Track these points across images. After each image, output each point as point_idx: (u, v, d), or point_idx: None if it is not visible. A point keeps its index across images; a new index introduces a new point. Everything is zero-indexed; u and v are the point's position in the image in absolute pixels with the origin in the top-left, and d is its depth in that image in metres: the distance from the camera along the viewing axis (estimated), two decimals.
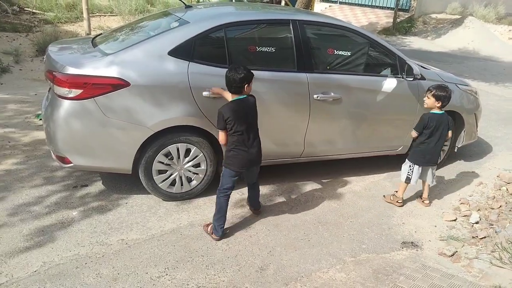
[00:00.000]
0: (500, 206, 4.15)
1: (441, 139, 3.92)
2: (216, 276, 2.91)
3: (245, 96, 3.16)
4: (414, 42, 13.86)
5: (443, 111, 3.89)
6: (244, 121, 3.12)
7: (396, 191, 4.13)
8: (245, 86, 3.09)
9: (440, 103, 3.81)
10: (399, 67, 4.28)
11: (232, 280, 2.89)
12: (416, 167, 3.96)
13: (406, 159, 4.06)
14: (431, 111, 3.88)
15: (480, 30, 14.81)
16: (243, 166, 3.24)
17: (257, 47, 3.84)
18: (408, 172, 3.98)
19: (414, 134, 3.95)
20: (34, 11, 10.53)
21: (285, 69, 3.89)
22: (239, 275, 2.95)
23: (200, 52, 3.56)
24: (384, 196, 4.19)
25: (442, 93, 3.79)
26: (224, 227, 3.35)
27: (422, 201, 4.16)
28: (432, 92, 3.82)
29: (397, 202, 4.06)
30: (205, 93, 3.49)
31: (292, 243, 3.37)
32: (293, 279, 2.95)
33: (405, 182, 4.02)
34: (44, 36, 8.58)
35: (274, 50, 3.88)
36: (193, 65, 3.51)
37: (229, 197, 3.31)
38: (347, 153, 4.45)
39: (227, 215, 3.34)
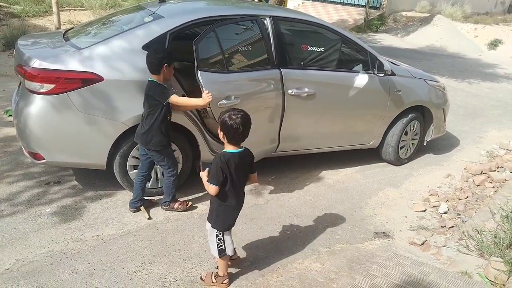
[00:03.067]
0: (467, 197, 4.33)
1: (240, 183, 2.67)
2: (193, 270, 2.93)
3: (152, 80, 3.23)
4: (385, 39, 14.15)
5: (243, 148, 2.65)
6: (144, 100, 3.29)
7: (217, 269, 2.87)
8: (164, 66, 3.18)
9: (224, 136, 2.57)
10: (370, 63, 4.38)
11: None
12: (227, 233, 2.74)
13: (210, 227, 2.75)
14: (224, 150, 2.63)
15: (447, 28, 15.24)
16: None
17: (232, 42, 3.85)
18: (219, 244, 2.73)
19: (212, 189, 2.58)
20: None
21: (260, 64, 3.93)
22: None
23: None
24: (202, 279, 2.83)
25: (228, 122, 2.52)
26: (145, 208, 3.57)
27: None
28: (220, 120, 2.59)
29: (222, 283, 2.79)
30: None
31: (268, 236, 3.42)
32: (270, 270, 3.00)
33: (220, 258, 2.76)
34: (11, 30, 8.32)
35: (249, 45, 3.91)
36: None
37: (140, 174, 3.48)
38: (321, 148, 4.53)
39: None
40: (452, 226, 3.78)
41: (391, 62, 4.83)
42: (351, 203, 4.08)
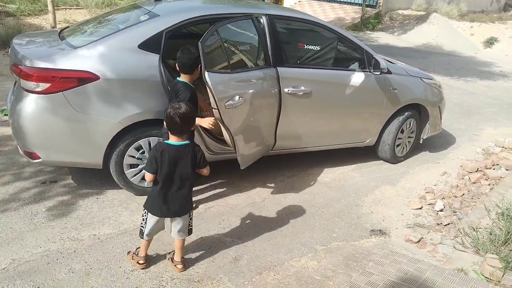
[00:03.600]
0: (463, 194, 4.35)
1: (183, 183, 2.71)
2: (190, 268, 2.93)
3: (184, 81, 3.25)
4: (381, 38, 14.17)
5: (185, 142, 2.67)
6: (174, 100, 3.24)
7: (138, 248, 2.95)
8: (198, 66, 3.23)
9: (167, 127, 2.65)
10: (366, 62, 4.38)
11: (206, 271, 2.92)
12: (150, 216, 2.76)
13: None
14: (167, 140, 2.69)
15: (444, 26, 15.28)
16: None
17: (232, 42, 3.85)
18: (141, 223, 2.80)
19: (147, 176, 2.68)
20: None
21: (257, 63, 3.93)
22: (213, 266, 2.98)
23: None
24: (128, 253, 2.99)
25: (168, 110, 2.61)
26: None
27: (174, 265, 2.90)
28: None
29: (138, 262, 2.86)
30: None
31: (265, 234, 3.42)
32: (266, 268, 3.01)
33: (140, 236, 2.85)
34: (6, 29, 8.29)
35: (246, 44, 3.91)
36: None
37: None
38: (317, 146, 4.54)
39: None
40: (448, 224, 3.79)
41: (387, 60, 4.83)
42: (347, 201, 4.09)
